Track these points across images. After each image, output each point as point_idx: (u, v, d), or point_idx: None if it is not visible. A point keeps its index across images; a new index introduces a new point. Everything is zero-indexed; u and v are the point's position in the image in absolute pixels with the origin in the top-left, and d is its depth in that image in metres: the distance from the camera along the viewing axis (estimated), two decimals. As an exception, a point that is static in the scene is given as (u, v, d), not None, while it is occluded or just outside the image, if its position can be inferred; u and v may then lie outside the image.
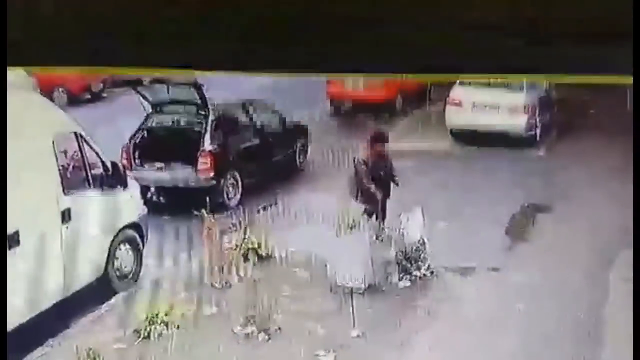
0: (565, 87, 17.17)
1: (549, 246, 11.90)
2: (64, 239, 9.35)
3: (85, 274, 9.82)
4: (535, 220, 13.01)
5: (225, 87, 15.79)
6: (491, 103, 17.00)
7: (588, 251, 11.54)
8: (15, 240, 8.47)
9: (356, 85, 19.17)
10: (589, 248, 11.64)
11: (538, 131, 17.42)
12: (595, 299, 10.09)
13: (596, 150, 16.31)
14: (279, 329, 9.17)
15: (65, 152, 10.02)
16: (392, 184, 11.67)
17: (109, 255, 10.25)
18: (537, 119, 17.38)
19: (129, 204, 10.74)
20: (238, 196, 13.89)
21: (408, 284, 10.45)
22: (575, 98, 18.05)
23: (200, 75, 12.59)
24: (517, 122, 16.93)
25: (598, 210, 13.05)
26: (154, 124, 14.20)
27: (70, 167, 10.00)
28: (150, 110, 14.28)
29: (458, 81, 16.87)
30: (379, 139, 11.86)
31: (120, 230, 10.47)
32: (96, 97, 21.32)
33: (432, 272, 10.69)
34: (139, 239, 10.84)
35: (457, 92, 17.33)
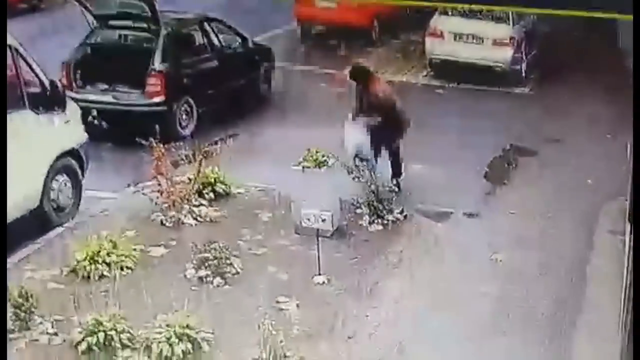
0: (554, 21, 17.18)
1: (531, 192, 12.03)
2: (-7, 164, 9.08)
3: (17, 206, 9.58)
4: (518, 164, 13.06)
5: (180, 2, 15.46)
6: (474, 34, 17.01)
7: (572, 200, 11.65)
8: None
9: (328, 6, 18.89)
10: (574, 196, 11.75)
11: (524, 66, 17.51)
12: (579, 251, 10.19)
13: (585, 90, 16.40)
14: (237, 273, 9.08)
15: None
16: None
17: (44, 185, 10.02)
18: (523, 54, 17.46)
19: (67, 128, 10.50)
20: (192, 124, 13.69)
21: (379, 228, 10.45)
22: (564, 33, 18.07)
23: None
24: (501, 56, 17.03)
25: (585, 156, 13.16)
26: (98, 40, 13.90)
27: (2, 84, 9.69)
28: (95, 25, 13.93)
29: (439, 10, 16.87)
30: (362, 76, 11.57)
31: (57, 158, 10.24)
32: (34, 8, 20.86)
33: (405, 216, 10.70)
34: (78, 169, 10.61)
35: (438, 22, 17.34)
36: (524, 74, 17.55)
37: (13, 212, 9.50)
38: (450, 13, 17.17)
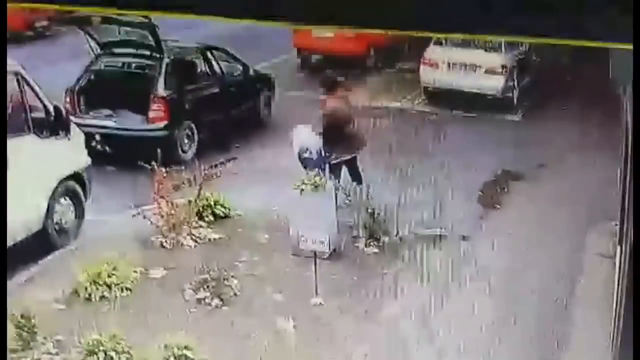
0: (545, 50, 17.22)
1: (522, 216, 11.94)
2: (-3, 188, 9.00)
3: (20, 229, 9.51)
4: (509, 189, 12.99)
5: (182, 32, 15.45)
6: (468, 63, 17.02)
7: (563, 223, 11.57)
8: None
9: (325, 36, 18.92)
10: (564, 220, 11.68)
11: (515, 94, 17.50)
12: (569, 273, 10.10)
13: (575, 117, 16.39)
14: (235, 294, 8.98)
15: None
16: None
17: (47, 208, 9.95)
18: (515, 81, 17.47)
19: (71, 152, 10.45)
20: (193, 149, 13.63)
21: (375, 250, 10.35)
22: (555, 62, 18.11)
23: (155, 17, 12.27)
24: (493, 83, 17.05)
25: (574, 180, 13.10)
26: (102, 67, 13.87)
27: (9, 109, 9.62)
28: (99, 52, 13.89)
29: (433, 40, 16.93)
30: (330, 86, 11.53)
31: (60, 182, 10.17)
32: (40, 35, 20.87)
33: (400, 239, 10.60)
34: (81, 192, 10.55)
35: (432, 52, 17.38)
36: (515, 102, 17.53)
37: (16, 234, 9.43)
38: (444, 43, 17.20)
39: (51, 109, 10.15)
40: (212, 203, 10.80)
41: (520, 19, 3.52)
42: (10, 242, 9.28)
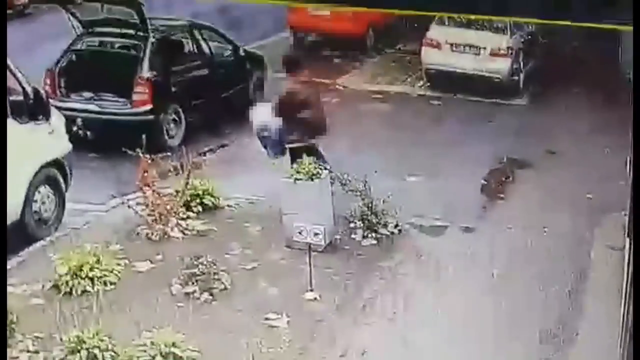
0: (553, 32, 17.23)
1: (528, 206, 11.97)
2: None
3: (-3, 218, 9.49)
4: (515, 177, 13.02)
5: (169, 8, 15.41)
6: (472, 44, 17.03)
7: (571, 213, 11.61)
8: None
9: (322, 15, 18.89)
10: (572, 210, 11.72)
11: (521, 77, 17.52)
12: (577, 265, 10.14)
13: (583, 101, 16.43)
14: (225, 288, 8.98)
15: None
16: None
17: (26, 197, 9.93)
18: (521, 65, 17.48)
19: (51, 138, 10.42)
20: (180, 135, 13.62)
21: (373, 242, 10.36)
22: (562, 44, 18.11)
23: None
24: (498, 66, 17.06)
25: (583, 168, 13.14)
26: (83, 47, 13.81)
27: (-17, 92, 9.61)
28: (81, 31, 13.85)
29: (436, 19, 16.93)
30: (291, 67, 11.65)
31: (39, 169, 10.15)
32: (19, 14, 20.76)
33: (399, 231, 10.62)
34: (61, 180, 10.53)
35: (435, 32, 17.38)
36: (521, 85, 17.54)
37: (-7, 224, 9.42)
38: (447, 23, 17.18)
39: (30, 91, 10.10)
40: (200, 192, 10.79)
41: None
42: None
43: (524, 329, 8.75)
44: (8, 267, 9.41)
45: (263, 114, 11.42)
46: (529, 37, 17.98)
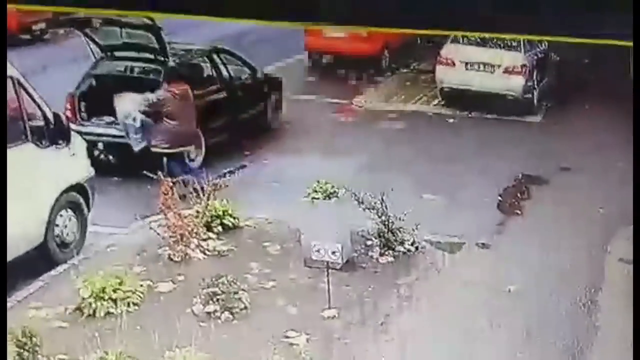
0: (565, 49, 17.21)
1: (543, 222, 11.96)
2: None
3: (21, 243, 9.57)
4: (530, 194, 13.01)
5: (188, 33, 15.55)
6: (486, 62, 17.05)
7: (586, 228, 11.61)
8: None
9: (337, 36, 19.00)
10: (586, 224, 11.74)
11: (535, 95, 17.51)
12: (591, 280, 10.14)
13: (596, 118, 16.40)
14: (245, 307, 9.01)
15: (-1, 100, 9.73)
16: None
17: (48, 221, 9.99)
18: (535, 82, 17.47)
19: (72, 162, 10.48)
20: (200, 157, 13.67)
21: (390, 259, 10.37)
22: (574, 61, 18.10)
23: (159, 18, 12.38)
24: (513, 84, 17.04)
25: (597, 184, 13.11)
26: (103, 71, 13.89)
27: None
28: (100, 56, 13.95)
29: (450, 38, 16.96)
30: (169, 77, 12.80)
31: (62, 193, 10.21)
32: (37, 39, 20.91)
33: (416, 248, 10.62)
34: (83, 204, 10.59)
35: (449, 50, 17.41)
36: (535, 103, 17.52)
37: (16, 248, 9.48)
38: (461, 41, 17.21)
39: (50, 116, 10.14)
40: (220, 213, 10.84)
41: (537, 17, 3.57)
42: (10, 257, 9.34)
43: (540, 344, 8.73)
44: (32, 290, 9.53)
45: (128, 104, 12.24)
46: (542, 54, 17.99)
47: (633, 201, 6.12)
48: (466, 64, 17.26)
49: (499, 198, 12.76)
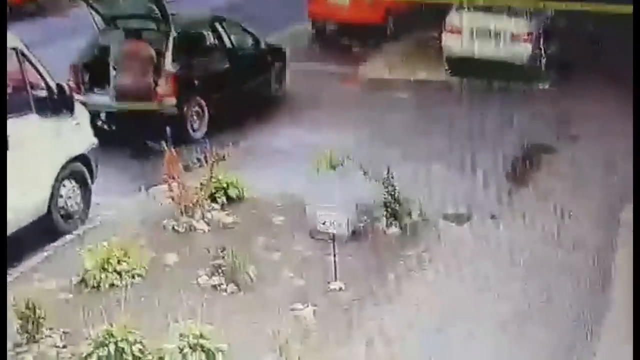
0: (572, 16, 17.03)
1: (552, 191, 11.84)
2: (-1, 171, 8.97)
3: (24, 213, 9.49)
4: (539, 163, 12.87)
5: (190, 3, 15.37)
6: (492, 30, 16.87)
7: (595, 198, 11.51)
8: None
9: (341, 4, 18.82)
10: (597, 194, 11.62)
11: (543, 62, 17.32)
12: (602, 251, 10.06)
13: (605, 85, 16.22)
14: (251, 279, 8.92)
15: (3, 71, 9.60)
16: None
17: (52, 192, 9.90)
18: (542, 49, 17.28)
19: (76, 133, 10.38)
20: (204, 127, 13.59)
21: (397, 230, 10.25)
22: (581, 28, 17.91)
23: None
24: (520, 51, 16.87)
25: (607, 152, 12.98)
26: (106, 42, 13.74)
27: (9, 88, 9.58)
28: (103, 26, 13.81)
29: (455, 5, 16.77)
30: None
31: (65, 164, 10.12)
32: (40, 10, 20.79)
33: (423, 219, 10.50)
34: (87, 174, 10.50)
35: (454, 18, 17.23)
36: (543, 70, 17.35)
37: (20, 219, 9.42)
38: (467, 8, 17.01)
39: (54, 86, 10.07)
40: (225, 185, 10.74)
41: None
42: (13, 229, 9.28)
43: (551, 314, 8.66)
44: (35, 261, 9.45)
45: None
46: (549, 22, 17.78)
47: (633, 201, 6.00)
48: (472, 31, 17.06)
49: (508, 168, 12.61)
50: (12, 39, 9.65)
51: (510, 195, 11.77)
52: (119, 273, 8.82)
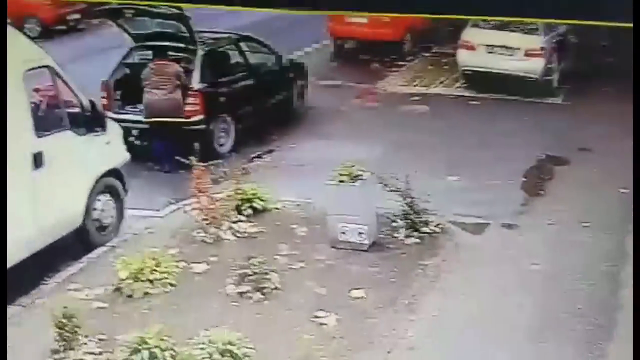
0: (584, 32, 17.07)
1: (567, 202, 11.90)
2: (36, 187, 9.18)
3: (61, 226, 9.68)
4: (553, 174, 12.97)
5: (215, 22, 15.56)
6: (506, 45, 17.00)
7: (608, 207, 11.53)
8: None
9: (360, 22, 18.95)
10: (609, 204, 11.63)
11: (556, 77, 17.42)
12: (614, 259, 10.07)
13: (616, 98, 16.23)
14: (276, 288, 9.09)
15: (37, 89, 9.81)
16: None
17: (87, 205, 10.09)
18: (555, 64, 17.37)
19: (109, 148, 10.56)
20: (230, 142, 13.75)
21: (416, 240, 10.38)
22: (594, 44, 17.95)
23: (188, 8, 12.43)
24: (533, 66, 16.97)
25: (619, 164, 12.99)
26: (136, 60, 13.96)
27: (43, 105, 9.79)
28: (133, 45, 14.02)
29: (470, 22, 16.89)
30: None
31: (99, 178, 10.31)
32: (72, 29, 21.03)
33: (441, 229, 10.62)
34: (120, 188, 10.69)
35: (470, 34, 17.35)
36: (556, 84, 17.45)
37: (56, 231, 9.61)
38: (482, 25, 17.15)
39: (86, 103, 10.21)
40: (250, 197, 10.92)
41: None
42: (49, 241, 9.48)
43: (567, 322, 8.72)
44: (71, 272, 9.65)
45: None
46: (561, 37, 17.88)
47: (633, 201, 6.10)
48: (487, 47, 17.20)
49: (523, 178, 12.71)
50: (45, 58, 9.83)
51: (525, 205, 11.87)
52: (152, 282, 9.01)
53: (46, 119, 9.64)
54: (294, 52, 17.72)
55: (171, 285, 9.11)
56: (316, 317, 8.65)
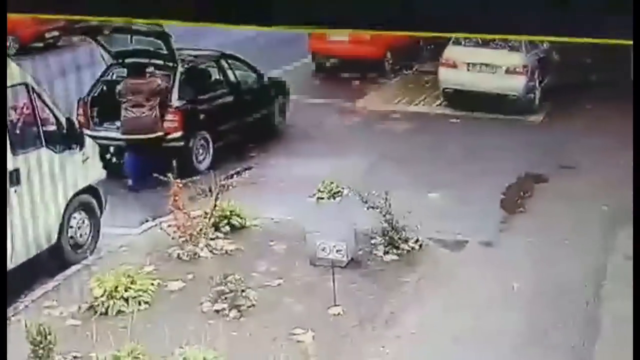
0: (566, 49, 17.18)
1: (546, 220, 11.90)
2: (11, 204, 9.14)
3: (35, 243, 9.63)
4: (533, 192, 12.99)
5: (196, 40, 15.57)
6: (488, 63, 17.03)
7: (587, 225, 11.54)
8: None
9: (341, 40, 19.00)
10: (589, 222, 11.64)
11: (537, 94, 17.47)
12: (595, 278, 10.09)
13: (597, 117, 16.35)
14: (253, 305, 9.05)
15: (14, 107, 9.78)
16: None
17: (62, 222, 10.04)
18: (537, 82, 17.44)
19: (85, 166, 10.52)
20: (208, 159, 13.73)
21: (394, 257, 10.36)
22: (576, 61, 18.07)
23: (168, 25, 12.42)
24: (514, 84, 16.99)
25: (599, 182, 13.07)
26: (114, 77, 13.94)
27: (20, 122, 9.75)
28: (111, 62, 14.01)
29: (452, 40, 16.92)
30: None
31: (75, 195, 10.26)
32: (50, 47, 20.97)
33: (420, 246, 10.61)
34: (96, 205, 10.64)
35: (451, 52, 17.36)
36: (537, 102, 17.51)
37: (31, 249, 9.56)
38: (463, 43, 17.20)
39: (63, 121, 10.20)
40: (228, 214, 10.88)
41: (539, 17, 3.55)
42: (24, 258, 9.43)
43: (544, 341, 8.70)
44: (46, 289, 9.58)
45: None
46: (544, 54, 17.96)
47: (633, 201, 6.12)
48: (468, 65, 17.24)
49: (502, 196, 12.72)
50: (23, 75, 9.81)
51: (505, 223, 11.89)
52: (126, 300, 8.95)
53: (22, 137, 9.61)
54: (275, 69, 17.73)
55: (146, 303, 9.05)
56: (293, 334, 8.61)
